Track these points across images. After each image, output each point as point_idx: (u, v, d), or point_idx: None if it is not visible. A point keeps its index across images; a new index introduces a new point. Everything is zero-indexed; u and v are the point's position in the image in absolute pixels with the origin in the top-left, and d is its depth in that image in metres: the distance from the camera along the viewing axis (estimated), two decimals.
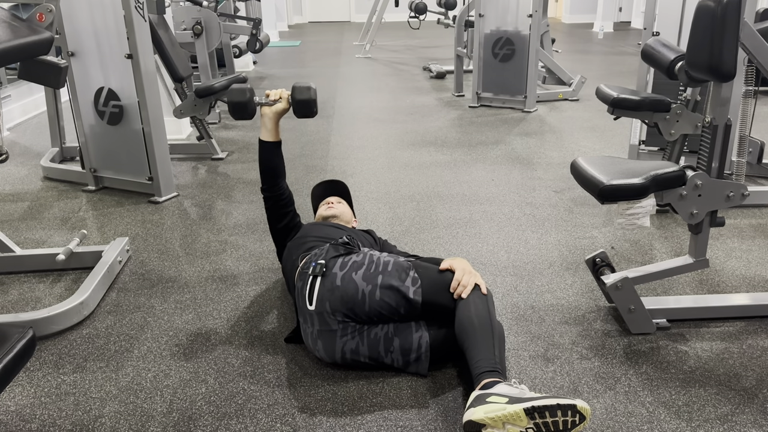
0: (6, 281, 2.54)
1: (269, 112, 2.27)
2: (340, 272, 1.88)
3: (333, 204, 2.50)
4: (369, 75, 7.32)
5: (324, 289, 1.86)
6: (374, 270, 1.88)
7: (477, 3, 5.31)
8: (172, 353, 2.03)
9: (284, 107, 2.27)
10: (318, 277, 1.89)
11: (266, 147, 2.29)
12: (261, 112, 2.30)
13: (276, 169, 2.31)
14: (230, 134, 4.78)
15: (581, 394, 1.80)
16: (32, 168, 4.02)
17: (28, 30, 1.74)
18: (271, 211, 2.33)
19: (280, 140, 2.31)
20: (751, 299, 2.20)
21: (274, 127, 2.28)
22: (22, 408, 1.80)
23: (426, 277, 1.89)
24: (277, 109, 2.27)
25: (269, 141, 2.29)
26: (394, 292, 1.84)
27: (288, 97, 2.27)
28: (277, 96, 2.27)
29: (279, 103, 2.27)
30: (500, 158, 4.04)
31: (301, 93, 2.23)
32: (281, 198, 2.32)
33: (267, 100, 2.28)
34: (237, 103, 2.23)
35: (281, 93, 2.28)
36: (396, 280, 1.86)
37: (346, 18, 14.01)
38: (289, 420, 1.72)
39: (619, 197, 1.93)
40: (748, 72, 2.43)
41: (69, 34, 3.30)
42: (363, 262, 1.92)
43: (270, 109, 2.27)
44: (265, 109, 2.28)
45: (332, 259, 1.94)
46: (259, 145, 2.30)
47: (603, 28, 10.80)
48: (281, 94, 2.28)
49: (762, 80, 2.58)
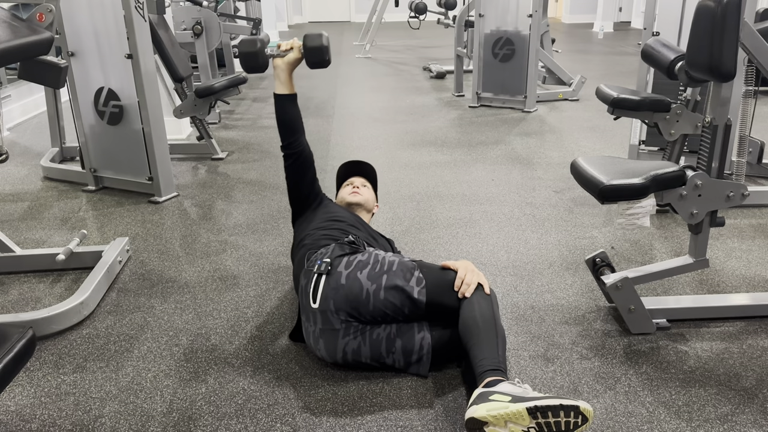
0: (6, 281, 2.54)
1: (282, 63, 2.23)
2: (345, 271, 1.88)
3: (358, 189, 2.46)
4: (369, 75, 7.32)
5: (328, 288, 1.86)
6: (379, 269, 1.88)
7: (477, 3, 5.31)
8: (172, 353, 2.03)
9: (296, 56, 2.22)
10: (323, 275, 1.89)
11: (282, 100, 2.26)
12: (273, 65, 2.26)
13: (294, 121, 2.27)
14: (230, 134, 4.78)
15: (581, 394, 1.80)
16: (32, 168, 4.02)
17: (28, 30, 1.74)
18: (291, 170, 2.29)
19: (295, 93, 2.27)
20: (751, 299, 2.20)
21: (287, 78, 2.24)
22: (22, 408, 1.80)
23: (430, 277, 1.89)
24: (289, 60, 2.22)
25: (284, 93, 2.25)
26: (398, 292, 1.84)
27: (300, 47, 2.22)
28: (288, 46, 2.23)
29: (291, 53, 2.22)
30: (500, 158, 4.04)
31: (312, 40, 2.17)
32: (302, 154, 2.28)
33: (279, 51, 2.24)
34: (248, 53, 2.19)
35: (293, 43, 2.24)
36: (401, 280, 1.86)
37: (346, 18, 14.02)
38: (289, 420, 1.72)
39: (619, 197, 1.93)
40: (748, 72, 2.43)
41: (69, 34, 3.30)
42: (368, 261, 1.91)
43: (282, 60, 2.23)
44: (277, 61, 2.24)
45: (337, 257, 1.93)
46: (275, 99, 2.26)
47: (603, 28, 10.81)
48: (293, 44, 2.24)
49: (762, 80, 2.58)
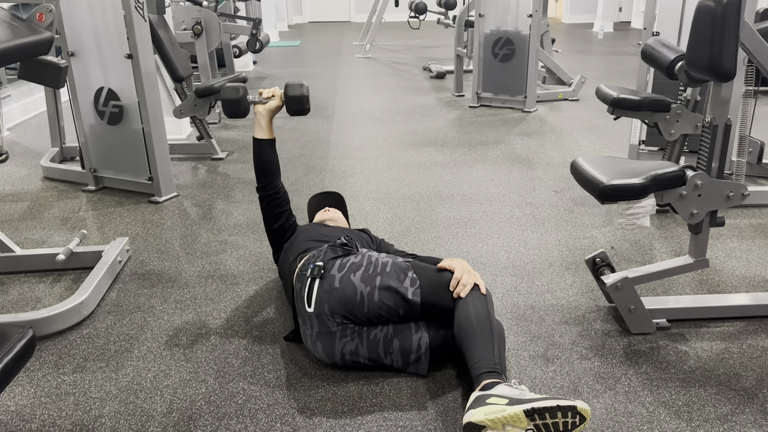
0: (6, 281, 2.54)
1: (262, 110, 2.29)
2: (339, 274, 1.88)
3: (329, 210, 2.56)
4: (369, 75, 7.32)
5: (322, 291, 1.86)
6: (373, 271, 1.88)
7: (477, 3, 5.31)
8: (172, 353, 2.03)
9: (277, 104, 2.30)
10: (316, 279, 1.89)
11: (260, 144, 2.30)
12: (254, 110, 2.32)
13: (270, 167, 2.32)
14: (230, 134, 4.78)
15: (581, 394, 1.80)
16: (32, 168, 4.02)
17: (28, 30, 1.74)
18: (267, 211, 2.34)
19: (274, 138, 2.33)
20: (751, 299, 2.20)
21: (267, 124, 2.30)
22: (22, 408, 1.80)
23: (425, 278, 1.88)
24: (270, 107, 2.29)
25: (263, 138, 2.30)
26: (392, 293, 1.84)
27: (281, 95, 2.30)
28: (270, 94, 2.30)
29: (272, 101, 2.30)
30: (500, 158, 4.04)
31: (293, 90, 2.26)
32: (276, 197, 2.33)
33: (260, 98, 2.31)
34: (230, 101, 2.26)
35: (274, 91, 2.31)
36: (394, 281, 1.86)
37: (346, 18, 14.01)
38: (289, 420, 1.72)
39: (619, 197, 1.93)
40: (748, 72, 2.43)
41: (69, 34, 3.30)
42: (361, 263, 1.91)
43: (263, 106, 2.29)
44: (258, 107, 2.30)
45: (330, 260, 1.93)
46: (254, 143, 2.31)
47: (603, 28, 10.80)
48: (274, 92, 2.30)
49: (762, 80, 2.58)
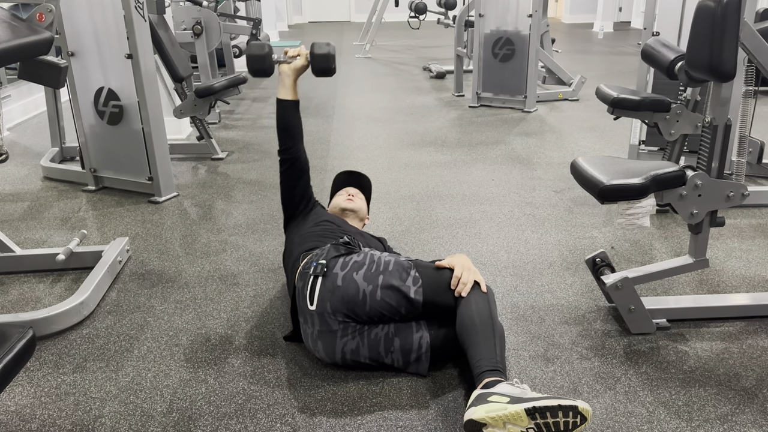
0: (6, 281, 2.54)
1: (287, 69, 2.27)
2: (341, 272, 1.88)
3: (353, 197, 2.48)
4: (369, 75, 7.32)
5: (325, 290, 1.86)
6: (375, 270, 1.88)
7: (477, 3, 5.31)
8: (172, 353, 2.03)
9: (303, 64, 2.27)
10: (319, 277, 1.89)
11: (284, 106, 2.28)
12: (279, 70, 2.29)
13: (293, 129, 2.31)
14: (230, 134, 4.78)
15: (581, 394, 1.80)
16: (32, 168, 4.02)
17: (28, 30, 1.74)
18: (287, 174, 2.32)
19: (298, 99, 2.30)
20: (751, 299, 2.20)
21: (292, 84, 2.27)
22: (22, 408, 1.80)
23: (426, 276, 1.88)
24: (295, 66, 2.26)
25: (287, 99, 2.28)
26: (395, 292, 1.84)
27: (307, 55, 2.26)
28: (295, 53, 2.27)
29: (297, 60, 2.27)
30: (500, 158, 4.04)
31: (320, 48, 2.22)
32: (298, 160, 2.31)
33: (285, 57, 2.27)
34: (255, 56, 2.22)
35: (300, 50, 2.28)
36: (397, 280, 1.86)
37: (346, 18, 14.01)
38: (289, 420, 1.72)
39: (619, 197, 1.93)
40: (748, 72, 2.43)
41: (69, 34, 3.29)
42: (364, 262, 1.91)
43: (288, 66, 2.27)
44: (283, 67, 2.27)
45: (333, 259, 1.93)
46: (277, 104, 2.29)
47: (603, 28, 10.81)
48: (300, 51, 2.27)
49: (762, 80, 2.58)
